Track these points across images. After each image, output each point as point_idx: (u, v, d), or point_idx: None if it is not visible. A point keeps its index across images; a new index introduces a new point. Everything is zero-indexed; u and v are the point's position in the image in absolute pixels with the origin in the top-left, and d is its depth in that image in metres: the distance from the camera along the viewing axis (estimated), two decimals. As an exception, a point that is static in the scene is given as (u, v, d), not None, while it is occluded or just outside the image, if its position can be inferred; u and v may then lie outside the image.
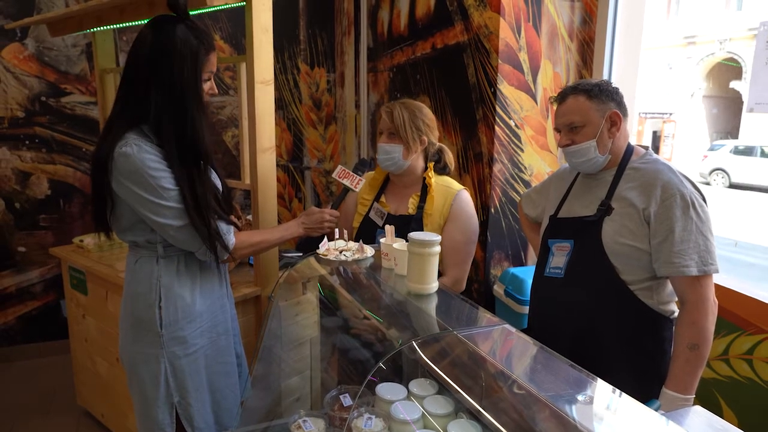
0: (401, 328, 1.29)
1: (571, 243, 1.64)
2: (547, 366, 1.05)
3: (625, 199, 1.56)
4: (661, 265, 1.50)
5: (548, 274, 1.69)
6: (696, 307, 1.47)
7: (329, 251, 1.55)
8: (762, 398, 1.92)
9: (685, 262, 1.46)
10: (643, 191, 1.54)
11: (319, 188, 3.76)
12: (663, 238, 1.49)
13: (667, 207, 1.48)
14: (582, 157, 1.60)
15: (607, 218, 1.57)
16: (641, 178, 1.56)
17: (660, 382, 1.53)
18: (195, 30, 1.46)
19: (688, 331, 1.47)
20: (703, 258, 1.46)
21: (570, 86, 1.63)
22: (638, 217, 1.52)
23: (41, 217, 3.47)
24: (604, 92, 1.57)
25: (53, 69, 3.37)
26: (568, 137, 1.60)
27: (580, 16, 2.48)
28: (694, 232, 1.47)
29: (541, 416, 1.05)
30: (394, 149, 1.83)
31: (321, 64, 3.55)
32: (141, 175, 1.42)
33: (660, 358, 1.57)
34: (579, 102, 1.57)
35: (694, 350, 1.46)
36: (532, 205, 1.98)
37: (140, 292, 1.56)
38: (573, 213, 1.69)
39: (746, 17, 14.27)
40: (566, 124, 1.60)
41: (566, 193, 1.76)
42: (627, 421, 0.95)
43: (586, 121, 1.57)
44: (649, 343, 1.58)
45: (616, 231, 1.55)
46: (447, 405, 1.36)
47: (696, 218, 1.48)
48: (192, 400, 1.60)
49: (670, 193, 1.49)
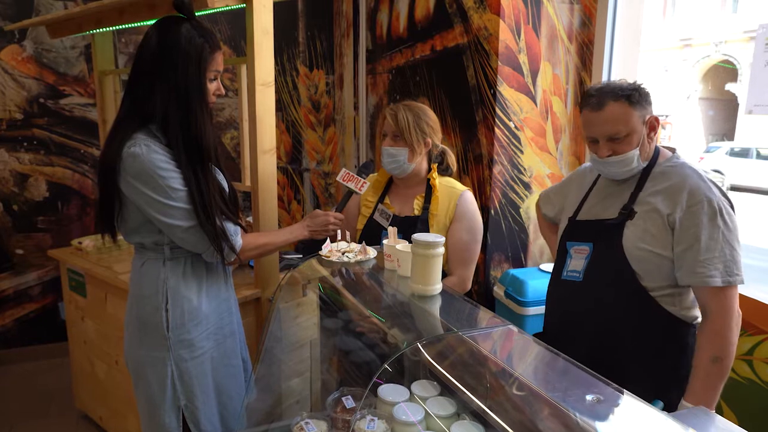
0: (405, 330, 1.29)
1: (590, 246, 1.58)
2: (552, 367, 1.05)
3: (648, 204, 1.49)
4: (684, 274, 1.43)
5: (566, 277, 1.63)
6: (719, 318, 1.41)
7: (332, 252, 1.55)
8: (762, 399, 1.93)
9: (709, 272, 1.39)
10: (668, 196, 1.47)
11: (318, 190, 3.75)
12: (687, 246, 1.42)
13: (693, 214, 1.42)
14: (624, 167, 1.50)
15: (629, 222, 1.50)
16: (667, 182, 1.49)
17: (680, 390, 1.48)
18: (200, 29, 1.47)
19: (711, 343, 1.41)
20: (729, 268, 1.40)
21: (605, 90, 1.48)
22: (662, 223, 1.46)
23: (39, 219, 3.46)
24: (643, 96, 1.47)
25: (52, 71, 3.37)
26: (609, 148, 1.48)
27: (579, 19, 2.49)
28: (720, 241, 1.40)
29: (544, 417, 1.05)
30: (400, 152, 1.83)
31: (320, 66, 3.56)
32: (150, 175, 1.42)
33: (681, 365, 1.51)
34: (621, 109, 1.44)
35: (716, 363, 1.40)
36: (550, 205, 1.91)
37: (147, 295, 1.56)
38: (593, 215, 1.62)
39: (741, 20, 14.34)
40: (608, 134, 1.46)
41: (586, 194, 1.69)
42: (631, 421, 0.95)
43: (630, 130, 1.45)
44: (671, 349, 1.51)
45: (638, 236, 1.48)
46: (449, 406, 1.36)
47: (723, 226, 1.41)
48: (199, 403, 1.59)
49: (697, 200, 1.42)
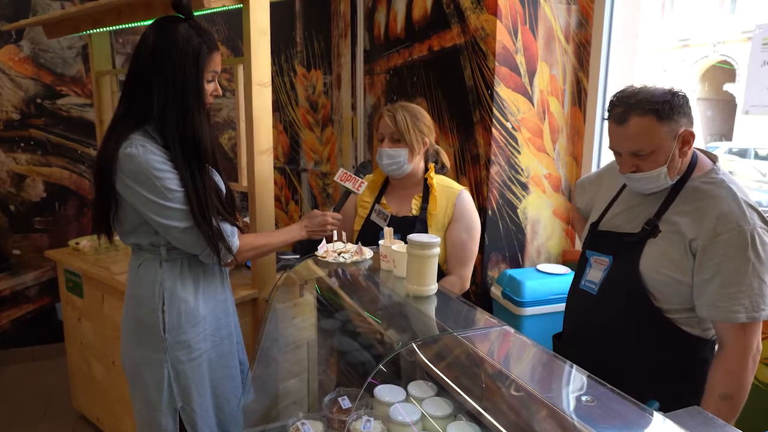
0: (400, 330, 1.28)
1: (610, 259, 1.49)
2: (547, 367, 1.05)
3: (673, 224, 1.37)
4: (703, 305, 1.33)
5: (583, 287, 1.56)
6: (736, 355, 1.31)
7: (328, 253, 1.55)
8: (759, 399, 1.93)
9: (733, 307, 1.27)
10: (695, 218, 1.34)
11: (316, 190, 3.75)
12: (709, 276, 1.30)
13: (720, 243, 1.29)
14: (649, 185, 1.39)
15: (650, 240, 1.39)
16: (698, 202, 1.36)
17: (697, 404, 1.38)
18: (198, 29, 1.47)
19: (723, 380, 1.32)
20: (755, 303, 1.27)
21: (631, 101, 1.34)
22: (683, 247, 1.34)
23: (36, 220, 3.45)
24: (676, 109, 1.31)
25: (49, 71, 3.36)
26: (632, 163, 1.37)
27: (576, 19, 2.49)
28: (749, 275, 1.27)
29: (540, 417, 1.05)
30: (399, 153, 1.82)
31: (317, 66, 3.55)
32: (146, 176, 1.42)
33: (699, 380, 1.41)
34: (647, 125, 1.31)
35: (726, 400, 1.31)
36: (584, 196, 1.80)
37: (143, 297, 1.55)
38: (616, 226, 1.52)
39: (739, 20, 14.36)
40: (631, 150, 1.35)
41: (614, 198, 1.59)
42: (627, 421, 0.95)
43: (655, 147, 1.32)
44: (686, 365, 1.44)
45: (657, 259, 1.38)
46: (446, 407, 1.36)
47: (755, 259, 1.27)
48: (195, 405, 1.59)
49: (728, 228, 1.28)
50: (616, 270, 1.47)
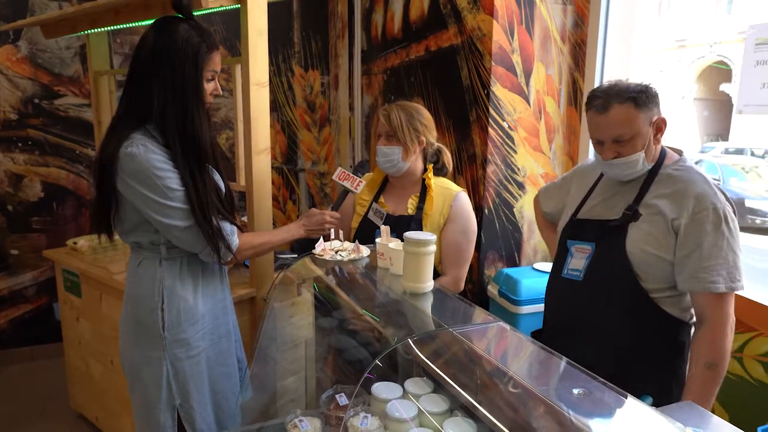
0: (397, 327, 1.30)
1: (592, 246, 1.58)
2: (542, 363, 1.07)
3: (653, 207, 1.49)
4: (685, 279, 1.44)
5: (566, 276, 1.63)
6: (716, 325, 1.42)
7: (325, 251, 1.56)
8: (752, 395, 1.94)
9: (712, 278, 1.40)
10: (674, 200, 1.47)
11: (314, 190, 3.76)
12: (689, 251, 1.42)
13: (699, 220, 1.42)
14: (629, 170, 1.50)
15: (632, 224, 1.50)
16: (673, 186, 1.49)
17: (678, 386, 1.50)
18: (198, 29, 1.48)
19: (706, 351, 1.42)
20: (732, 275, 1.40)
21: (611, 92, 1.47)
22: (666, 227, 1.46)
23: (34, 220, 3.46)
24: (650, 98, 1.46)
25: (46, 71, 3.37)
26: (614, 150, 1.48)
27: (572, 19, 2.50)
28: (724, 248, 1.40)
29: (536, 412, 1.06)
30: (393, 151, 1.84)
31: (315, 66, 3.57)
32: (147, 175, 1.43)
33: (679, 363, 1.53)
34: (627, 112, 1.44)
35: (711, 369, 1.41)
36: (551, 201, 1.90)
37: (143, 295, 1.56)
38: (596, 215, 1.62)
39: (735, 21, 14.41)
40: (613, 137, 1.46)
41: (589, 193, 1.69)
42: (622, 416, 0.97)
43: (635, 133, 1.45)
44: (667, 348, 1.53)
45: (642, 239, 1.48)
46: (442, 403, 1.37)
47: (728, 233, 1.41)
48: (194, 402, 1.60)
49: (703, 206, 1.42)
50: (601, 254, 1.56)
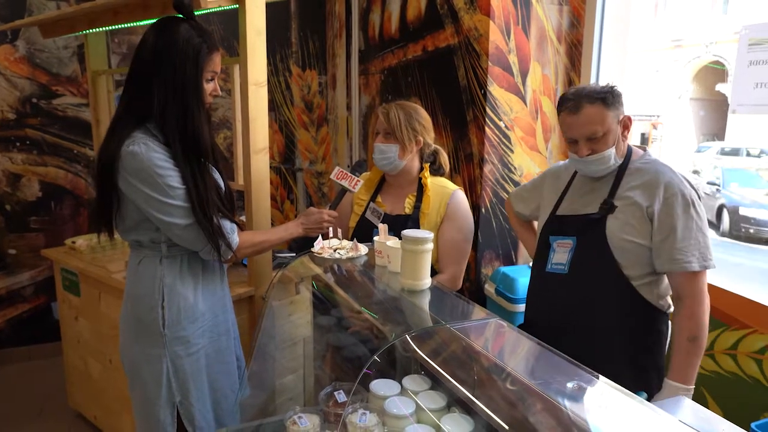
0: (395, 323, 1.31)
1: (573, 240, 1.67)
2: (539, 358, 1.08)
3: (628, 198, 1.60)
4: (663, 261, 1.55)
5: (551, 270, 1.71)
6: (695, 301, 1.54)
7: (324, 249, 1.57)
8: (746, 392, 1.97)
9: (687, 258, 1.51)
10: (645, 190, 1.58)
11: (311, 189, 3.78)
12: (665, 235, 1.54)
13: (670, 206, 1.54)
14: (603, 165, 1.61)
15: (610, 216, 1.61)
16: (643, 177, 1.61)
17: (658, 375, 1.58)
18: (199, 30, 1.49)
19: (688, 324, 1.54)
20: (703, 254, 1.53)
21: (581, 94, 1.59)
22: (641, 215, 1.56)
23: (32, 220, 3.46)
24: (617, 98, 1.58)
25: (44, 71, 3.37)
26: (588, 147, 1.59)
27: (568, 19, 2.52)
28: (694, 230, 1.52)
29: (532, 408, 1.08)
30: (390, 149, 1.86)
31: (312, 66, 3.58)
32: (148, 173, 1.44)
33: (657, 351, 1.63)
34: (597, 111, 1.55)
35: (693, 342, 1.53)
36: (523, 203, 2.00)
37: (143, 293, 1.57)
38: (574, 211, 1.71)
39: (731, 21, 14.46)
40: (587, 135, 1.57)
41: (564, 191, 1.78)
42: (617, 410, 0.98)
43: (606, 130, 1.56)
44: (647, 337, 1.63)
45: (620, 228, 1.58)
46: (440, 399, 1.39)
47: (696, 217, 1.54)
48: (193, 399, 1.61)
49: (672, 192, 1.54)
50: (583, 247, 1.65)
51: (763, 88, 1.86)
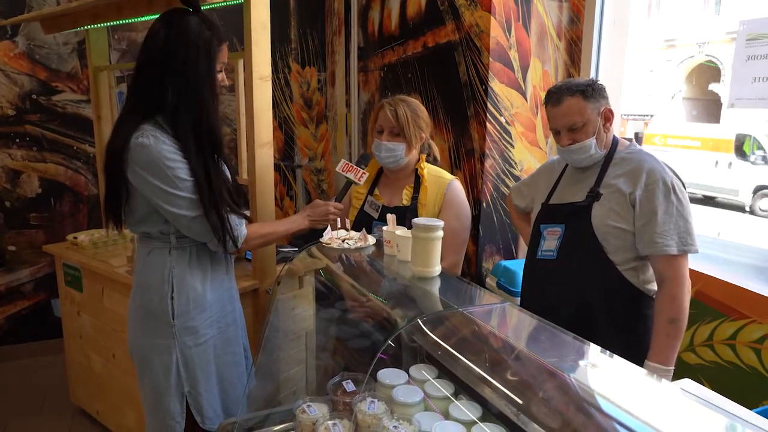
0: (406, 309, 1.33)
1: (562, 227, 1.75)
2: (552, 340, 1.10)
3: (612, 186, 1.67)
4: (644, 245, 1.61)
5: (540, 257, 1.78)
6: (674, 283, 1.59)
7: (332, 240, 1.59)
8: (745, 381, 2.00)
9: (666, 242, 1.58)
10: (629, 178, 1.65)
11: (311, 186, 3.79)
12: (646, 220, 1.60)
13: (651, 192, 1.60)
14: (584, 154, 1.68)
15: (596, 203, 1.68)
16: (627, 166, 1.68)
17: (644, 357, 1.63)
18: (207, 22, 1.50)
19: (668, 307, 1.59)
20: (683, 239, 1.59)
21: (563, 87, 1.68)
22: (625, 201, 1.63)
23: (31, 216, 3.45)
24: (597, 90, 1.66)
25: (44, 67, 3.37)
26: (569, 137, 1.68)
27: (568, 16, 2.55)
28: (674, 215, 1.59)
29: (542, 395, 1.09)
30: (398, 147, 1.86)
31: (312, 63, 3.59)
32: (158, 165, 1.45)
33: (643, 334, 1.67)
34: (577, 102, 1.64)
35: (673, 324, 1.58)
36: (521, 197, 2.07)
37: (153, 284, 1.59)
38: (564, 200, 1.79)
39: (724, 21, 14.58)
40: (567, 125, 1.67)
41: (556, 183, 1.86)
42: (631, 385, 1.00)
43: (585, 120, 1.65)
44: (634, 319, 1.69)
45: (605, 214, 1.65)
46: (447, 388, 1.40)
47: (677, 202, 1.60)
48: (202, 389, 1.62)
49: (653, 179, 1.61)
50: (570, 233, 1.73)
51: (761, 83, 1.90)
